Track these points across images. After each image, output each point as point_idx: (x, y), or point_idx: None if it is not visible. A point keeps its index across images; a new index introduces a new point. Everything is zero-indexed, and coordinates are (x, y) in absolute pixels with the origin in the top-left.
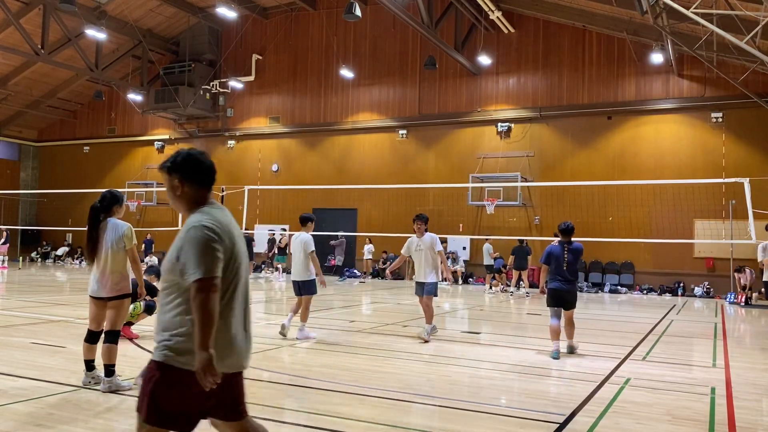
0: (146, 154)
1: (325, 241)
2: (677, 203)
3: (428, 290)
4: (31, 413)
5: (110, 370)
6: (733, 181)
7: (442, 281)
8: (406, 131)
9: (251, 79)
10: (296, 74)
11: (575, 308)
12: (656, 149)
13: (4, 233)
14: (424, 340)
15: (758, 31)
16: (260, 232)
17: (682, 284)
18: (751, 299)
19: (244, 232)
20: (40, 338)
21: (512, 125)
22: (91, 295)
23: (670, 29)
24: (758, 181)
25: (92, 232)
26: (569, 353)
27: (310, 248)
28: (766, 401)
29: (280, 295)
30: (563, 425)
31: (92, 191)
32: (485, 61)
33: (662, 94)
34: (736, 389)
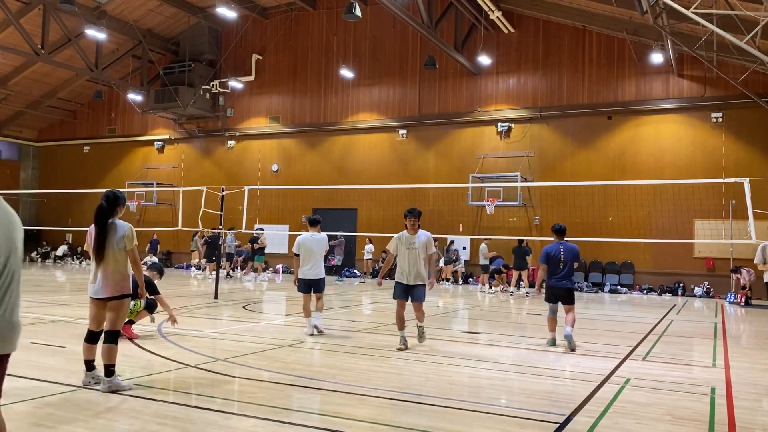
0: (146, 154)
1: None
2: (677, 203)
3: (419, 296)
4: (31, 413)
5: (110, 370)
6: (733, 181)
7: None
8: (406, 131)
9: (251, 79)
10: (296, 74)
11: (574, 304)
12: (656, 149)
13: None
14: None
15: (758, 31)
16: (270, 232)
17: (682, 284)
18: (751, 299)
19: (210, 231)
20: (40, 338)
21: (512, 125)
22: (91, 295)
23: (670, 29)
24: (758, 181)
25: (101, 233)
26: (570, 349)
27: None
28: (766, 401)
29: (280, 295)
30: (563, 425)
31: (92, 191)
32: (485, 61)
33: (662, 94)
34: (736, 389)
